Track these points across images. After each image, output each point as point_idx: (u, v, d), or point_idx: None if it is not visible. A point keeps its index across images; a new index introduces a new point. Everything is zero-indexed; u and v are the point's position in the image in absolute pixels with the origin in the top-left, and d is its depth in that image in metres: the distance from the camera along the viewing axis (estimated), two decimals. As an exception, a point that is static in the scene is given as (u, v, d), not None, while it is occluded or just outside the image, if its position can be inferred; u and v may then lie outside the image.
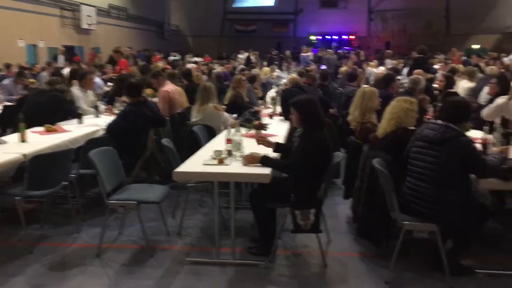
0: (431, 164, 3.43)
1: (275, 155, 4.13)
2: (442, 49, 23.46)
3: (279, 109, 6.70)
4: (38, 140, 4.85)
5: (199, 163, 3.90)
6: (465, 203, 3.43)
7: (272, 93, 9.13)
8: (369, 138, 4.16)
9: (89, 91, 6.87)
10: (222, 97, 7.16)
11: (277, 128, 5.67)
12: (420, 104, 5.56)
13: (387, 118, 3.95)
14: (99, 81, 8.96)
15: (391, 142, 3.82)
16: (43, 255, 3.99)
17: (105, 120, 5.87)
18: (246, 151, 4.00)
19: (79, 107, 6.28)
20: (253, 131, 5.18)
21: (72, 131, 5.31)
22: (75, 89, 6.53)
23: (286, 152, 4.11)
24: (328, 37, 30.32)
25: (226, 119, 5.63)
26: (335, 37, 30.21)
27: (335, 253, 4.09)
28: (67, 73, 8.38)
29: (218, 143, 4.69)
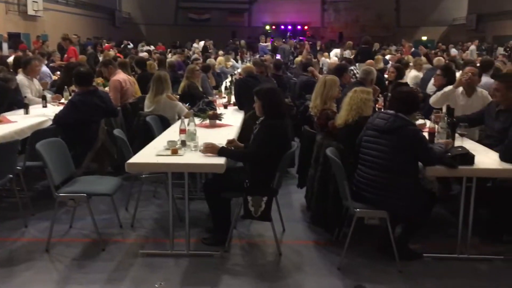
0: (381, 152, 3.52)
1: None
2: (393, 40, 24.10)
3: (233, 98, 6.67)
4: (-19, 131, 4.62)
5: (152, 154, 3.84)
6: (413, 190, 3.55)
7: (226, 83, 9.08)
8: (327, 124, 4.23)
9: (35, 80, 6.61)
10: (176, 87, 7.05)
11: (232, 118, 5.65)
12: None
13: (346, 109, 4.01)
14: (46, 69, 8.61)
15: (354, 131, 3.88)
16: (-12, 252, 3.83)
17: (52, 110, 5.67)
18: (200, 142, 3.96)
19: (25, 97, 6.03)
20: (207, 121, 5.14)
21: (18, 122, 5.10)
22: (20, 77, 6.25)
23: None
24: (283, 27, 30.47)
25: (180, 109, 5.55)
26: (289, 27, 30.38)
27: (290, 241, 4.14)
28: (11, 61, 8.02)
29: (172, 133, 4.62)
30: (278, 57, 13.45)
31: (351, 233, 3.64)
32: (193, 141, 4.00)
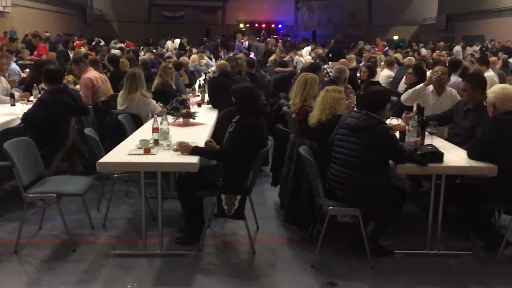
0: (353, 151, 3.56)
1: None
2: (365, 39, 24.37)
3: (207, 97, 6.64)
4: None
5: (124, 153, 3.79)
6: (385, 187, 3.61)
7: (200, 81, 9.03)
8: (307, 120, 4.24)
9: (3, 78, 6.44)
10: (149, 84, 6.97)
11: (206, 116, 5.62)
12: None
13: (319, 108, 4.03)
14: (16, 67, 8.40)
15: (327, 129, 3.91)
16: (-47, 254, 3.72)
17: (21, 108, 5.53)
18: (173, 140, 3.93)
19: (-8, 95, 5.88)
20: (180, 120, 5.10)
21: (-16, 121, 4.96)
22: (-13, 76, 6.09)
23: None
24: (257, 25, 30.52)
25: (154, 107, 5.49)
26: (263, 26, 30.44)
27: (264, 239, 4.15)
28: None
29: (144, 132, 4.57)
30: (252, 55, 13.47)
31: (324, 231, 3.67)
32: (166, 140, 3.97)
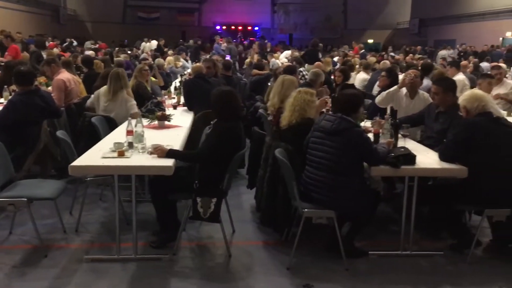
0: (328, 153, 3.59)
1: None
2: (341, 43, 24.65)
3: (183, 99, 6.59)
4: None
5: (97, 156, 3.73)
6: (359, 189, 3.64)
7: (176, 83, 8.97)
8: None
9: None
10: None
11: (181, 119, 5.58)
12: (319, 95, 5.82)
13: (290, 109, 4.05)
14: (-16, 68, 8.19)
15: (298, 132, 3.93)
16: None
17: (-9, 111, 5.39)
18: (148, 143, 3.90)
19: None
20: (155, 122, 5.06)
21: (-49, 123, 4.81)
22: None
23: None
24: (233, 28, 30.53)
25: (132, 106, 5.45)
26: (240, 28, 30.48)
27: (240, 242, 4.14)
28: None
29: (118, 135, 4.51)
30: (228, 57, 13.45)
31: (300, 233, 3.69)
32: (140, 143, 3.92)
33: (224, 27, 30.73)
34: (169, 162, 3.60)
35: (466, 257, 3.82)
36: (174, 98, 7.08)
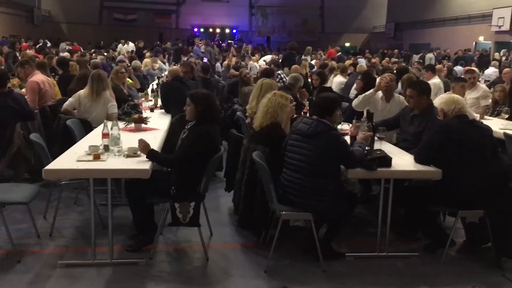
0: (305, 156, 3.61)
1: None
2: (318, 46, 24.86)
3: (160, 102, 6.55)
4: None
5: (72, 159, 3.67)
6: (336, 192, 3.67)
7: (153, 85, 8.90)
8: None
9: None
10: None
11: (158, 121, 5.54)
12: (298, 98, 5.87)
13: (263, 111, 4.06)
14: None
15: (267, 136, 3.95)
16: None
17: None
18: (124, 146, 3.85)
19: None
20: (132, 125, 5.01)
21: None
22: None
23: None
24: (211, 30, 30.50)
25: (112, 106, 5.39)
26: (217, 30, 30.46)
27: (217, 245, 4.12)
28: None
29: (94, 138, 4.45)
30: (205, 60, 13.43)
31: (277, 236, 3.69)
32: (116, 146, 3.88)
33: (202, 30, 30.66)
34: (146, 165, 3.57)
35: (440, 257, 3.89)
36: (151, 100, 7.02)
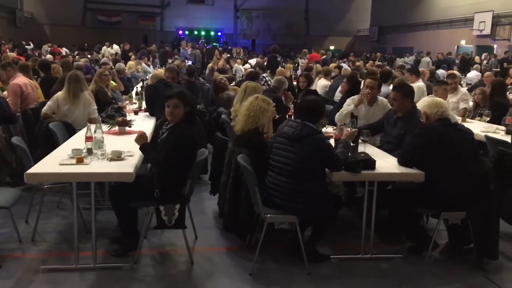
0: (290, 159, 3.62)
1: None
2: (303, 49, 24.97)
3: (145, 104, 6.51)
4: None
5: (55, 163, 3.62)
6: (321, 194, 3.68)
7: (137, 88, 8.84)
8: None
9: None
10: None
11: (143, 124, 5.49)
12: (283, 101, 5.88)
13: (244, 114, 4.04)
14: None
15: (248, 141, 3.95)
16: None
17: None
18: (108, 150, 3.82)
19: None
20: (116, 128, 4.97)
21: None
22: None
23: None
24: (196, 33, 30.45)
25: (94, 111, 5.33)
26: (202, 33, 30.43)
27: (202, 249, 4.11)
28: None
29: (77, 141, 4.40)
30: (189, 63, 13.40)
31: (263, 239, 3.69)
32: (100, 149, 3.84)
33: (187, 32, 30.59)
34: (130, 169, 3.54)
35: (424, 259, 3.92)
36: (135, 103, 6.98)
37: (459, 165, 3.78)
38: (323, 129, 4.74)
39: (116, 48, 18.94)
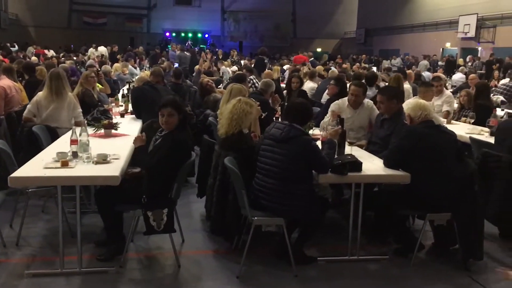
0: (277, 161, 3.62)
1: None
2: (290, 51, 25.06)
3: (131, 107, 6.46)
4: None
5: (39, 166, 3.58)
6: (308, 197, 3.69)
7: (124, 90, 8.78)
8: None
9: None
10: (69, 93, 6.67)
11: (129, 127, 5.46)
12: (271, 103, 5.89)
13: (228, 117, 4.01)
14: None
15: (232, 143, 3.95)
16: None
17: None
18: (93, 153, 3.79)
19: None
20: (102, 131, 4.93)
21: None
22: None
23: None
24: (183, 35, 30.39)
25: (79, 114, 5.27)
26: (190, 35, 30.37)
27: (189, 252, 4.09)
28: None
29: (62, 144, 4.35)
30: (176, 65, 13.34)
31: (250, 241, 3.69)
32: (85, 152, 3.81)
33: (173, 34, 30.50)
34: (116, 172, 3.52)
35: (410, 260, 3.95)
36: (121, 106, 6.93)
37: (443, 166, 3.82)
38: (310, 131, 4.75)
39: (102, 50, 18.79)
